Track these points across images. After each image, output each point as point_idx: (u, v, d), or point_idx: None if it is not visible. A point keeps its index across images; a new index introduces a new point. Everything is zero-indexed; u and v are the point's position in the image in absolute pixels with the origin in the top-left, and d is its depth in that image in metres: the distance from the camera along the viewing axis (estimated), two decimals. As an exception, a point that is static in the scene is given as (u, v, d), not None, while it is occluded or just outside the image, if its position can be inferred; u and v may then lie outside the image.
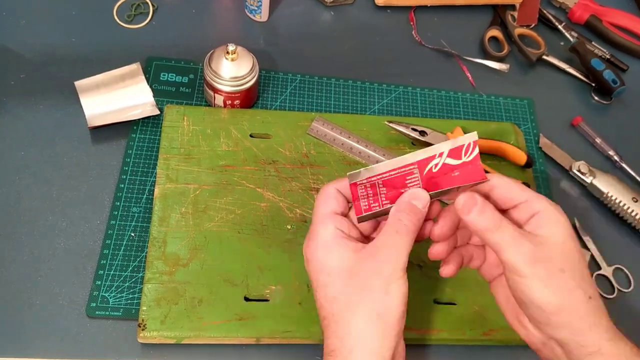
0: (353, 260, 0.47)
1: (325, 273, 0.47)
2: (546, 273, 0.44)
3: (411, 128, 0.70)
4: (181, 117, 0.67)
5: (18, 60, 0.72)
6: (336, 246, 0.47)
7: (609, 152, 0.77)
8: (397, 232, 0.47)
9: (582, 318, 0.45)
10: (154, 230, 0.60)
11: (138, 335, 0.54)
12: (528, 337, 0.49)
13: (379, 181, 0.47)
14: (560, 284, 0.44)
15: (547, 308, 0.44)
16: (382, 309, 0.46)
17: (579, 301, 0.45)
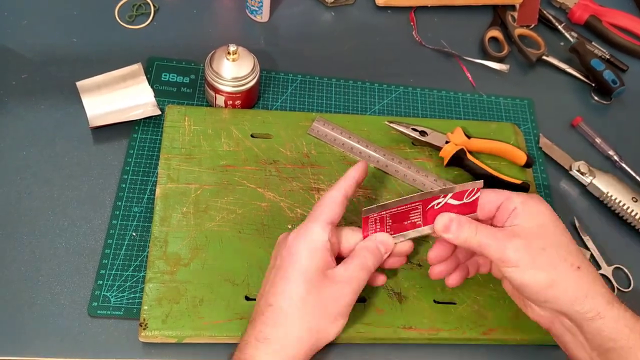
0: (323, 276, 0.51)
1: (298, 271, 0.50)
2: (529, 256, 0.48)
3: (411, 128, 0.70)
4: (182, 117, 0.67)
5: (19, 60, 0.72)
6: (320, 256, 0.51)
7: (608, 152, 0.77)
8: (362, 268, 0.52)
9: (575, 288, 0.48)
10: (155, 230, 0.60)
11: (139, 335, 0.55)
12: (537, 318, 0.53)
13: (387, 215, 0.53)
14: (545, 261, 0.48)
15: (538, 286, 0.48)
16: (322, 331, 0.50)
17: (567, 272, 0.48)
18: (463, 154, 0.69)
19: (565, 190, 0.74)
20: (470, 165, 0.69)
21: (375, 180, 0.68)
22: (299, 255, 0.51)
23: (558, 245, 0.49)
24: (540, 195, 0.69)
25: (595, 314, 0.48)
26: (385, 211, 0.53)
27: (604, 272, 0.67)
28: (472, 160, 0.69)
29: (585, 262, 0.50)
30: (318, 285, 0.50)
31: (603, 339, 0.48)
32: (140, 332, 0.55)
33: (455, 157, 0.69)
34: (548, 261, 0.48)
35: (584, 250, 0.68)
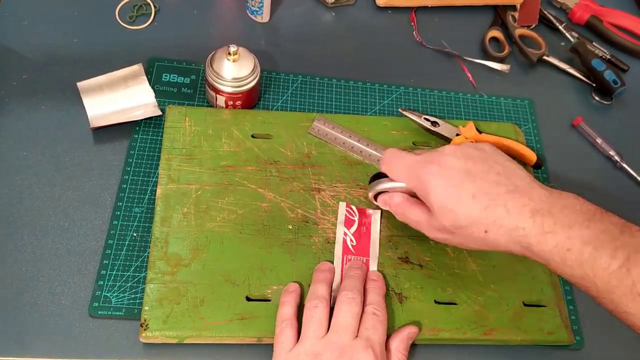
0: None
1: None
2: (450, 200, 0.51)
3: (423, 117, 0.71)
4: (183, 118, 0.67)
5: (20, 60, 0.72)
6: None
7: (609, 153, 0.77)
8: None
9: (513, 221, 0.48)
10: (156, 231, 0.60)
11: (140, 335, 0.55)
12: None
13: None
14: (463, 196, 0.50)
15: (470, 221, 0.50)
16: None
17: (488, 207, 0.49)
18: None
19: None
20: None
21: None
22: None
23: (472, 175, 0.51)
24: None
25: (525, 233, 0.48)
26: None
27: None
28: None
29: (519, 184, 0.50)
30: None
31: (557, 259, 0.47)
32: (141, 332, 0.55)
33: None
34: (464, 194, 0.50)
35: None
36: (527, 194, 0.49)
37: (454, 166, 0.51)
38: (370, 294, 0.56)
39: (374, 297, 0.56)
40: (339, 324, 0.52)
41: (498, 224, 0.48)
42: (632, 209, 0.74)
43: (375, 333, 0.53)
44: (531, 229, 0.47)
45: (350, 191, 0.66)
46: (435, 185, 0.51)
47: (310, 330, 0.52)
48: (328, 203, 0.65)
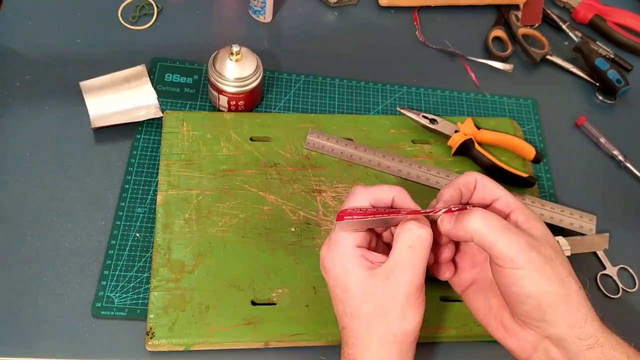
0: (369, 281, 0.46)
1: (342, 290, 0.48)
2: (540, 261, 0.43)
3: (422, 115, 0.71)
4: (180, 123, 0.67)
5: (23, 61, 0.72)
6: (353, 265, 0.47)
7: (613, 152, 0.77)
8: (410, 246, 0.46)
9: (577, 309, 0.44)
10: (158, 238, 0.60)
11: (146, 344, 0.54)
12: (519, 343, 0.47)
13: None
14: (554, 273, 0.44)
15: (544, 299, 0.43)
16: (398, 332, 0.46)
17: (572, 290, 0.44)
18: (471, 144, 0.69)
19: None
20: (477, 155, 0.69)
21: (377, 180, 0.68)
22: (335, 276, 0.48)
23: (562, 259, 0.45)
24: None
25: (594, 342, 0.44)
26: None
27: (609, 273, 0.67)
28: (480, 150, 0.69)
29: (581, 285, 0.46)
30: (369, 292, 0.46)
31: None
32: (147, 341, 0.54)
33: (463, 146, 0.69)
34: (557, 274, 0.44)
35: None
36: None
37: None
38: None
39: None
40: None
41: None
42: (636, 208, 0.74)
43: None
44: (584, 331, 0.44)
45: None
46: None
47: None
48: (329, 204, 0.65)
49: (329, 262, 0.48)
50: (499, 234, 0.44)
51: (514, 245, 0.43)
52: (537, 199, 0.68)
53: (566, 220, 0.67)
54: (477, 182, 0.49)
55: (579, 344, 0.44)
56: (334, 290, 0.49)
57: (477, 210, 0.45)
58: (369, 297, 0.46)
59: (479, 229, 0.44)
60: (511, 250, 0.43)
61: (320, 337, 0.57)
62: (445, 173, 0.68)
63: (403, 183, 0.68)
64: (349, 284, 0.47)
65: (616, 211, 0.73)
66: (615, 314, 0.65)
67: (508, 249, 0.43)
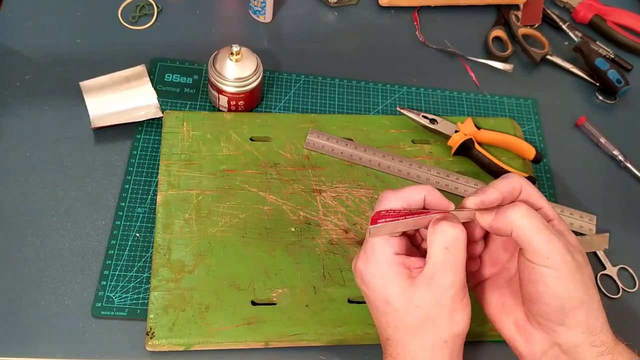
0: (411, 290, 0.45)
1: (384, 302, 0.46)
2: (573, 265, 0.44)
3: (422, 115, 0.71)
4: (180, 123, 0.67)
5: (23, 61, 0.72)
6: (393, 274, 0.46)
7: (613, 152, 0.77)
8: (446, 247, 0.45)
9: (596, 317, 0.45)
10: (158, 238, 0.60)
11: (146, 344, 0.54)
12: (528, 344, 0.47)
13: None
14: (583, 279, 0.44)
15: (569, 303, 0.44)
16: (448, 336, 0.46)
17: (595, 299, 0.45)
18: (471, 144, 0.69)
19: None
20: (477, 155, 0.69)
21: (377, 180, 0.68)
22: (374, 289, 0.47)
23: (589, 268, 0.46)
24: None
25: (605, 349, 0.45)
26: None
27: (609, 272, 0.67)
28: (480, 150, 0.69)
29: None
30: (412, 301, 0.45)
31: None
32: (147, 341, 0.54)
33: (463, 146, 0.69)
34: (585, 281, 0.44)
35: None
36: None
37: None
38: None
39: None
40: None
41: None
42: (636, 208, 0.74)
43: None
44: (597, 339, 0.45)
45: (351, 191, 0.66)
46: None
47: None
48: (329, 204, 0.65)
49: (368, 274, 0.47)
50: (540, 230, 0.44)
51: (553, 245, 0.43)
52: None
53: (566, 220, 0.67)
54: (523, 189, 0.48)
55: (591, 351, 0.44)
56: (374, 304, 0.47)
57: (522, 205, 0.44)
58: (413, 306, 0.45)
59: (522, 222, 0.44)
60: (549, 248, 0.43)
61: (320, 337, 0.57)
62: (446, 173, 0.68)
63: (404, 183, 0.68)
64: (390, 296, 0.46)
65: (616, 211, 0.73)
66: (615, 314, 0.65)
67: (546, 247, 0.43)
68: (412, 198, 0.48)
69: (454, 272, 0.45)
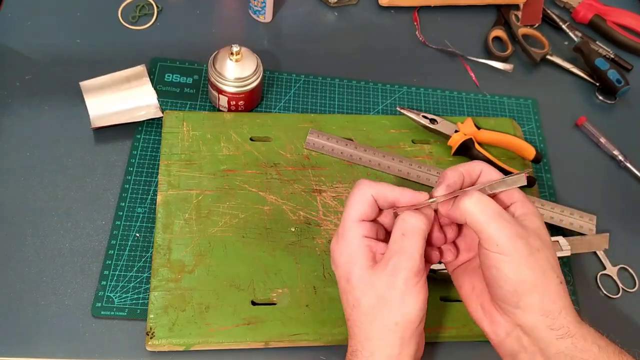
0: (370, 272, 0.48)
1: (346, 280, 0.49)
2: (525, 250, 0.45)
3: (422, 115, 0.71)
4: (180, 123, 0.67)
5: (23, 61, 0.72)
6: (359, 255, 0.48)
7: (613, 152, 0.77)
8: (403, 234, 0.47)
9: (553, 301, 0.46)
10: (158, 238, 0.60)
11: (146, 344, 0.54)
12: (492, 326, 0.49)
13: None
14: (536, 264, 0.45)
15: (522, 287, 0.45)
16: (399, 319, 0.47)
17: (551, 283, 0.46)
18: (471, 144, 0.69)
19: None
20: (478, 155, 0.69)
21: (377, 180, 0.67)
22: (340, 267, 0.49)
23: (548, 254, 0.47)
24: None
25: (565, 332, 0.45)
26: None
27: (609, 273, 0.67)
28: (480, 150, 0.69)
29: (564, 280, 0.47)
30: (370, 282, 0.47)
31: (567, 359, 0.45)
32: (147, 341, 0.54)
33: (463, 146, 0.69)
34: (539, 265, 0.45)
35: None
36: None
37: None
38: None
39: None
40: None
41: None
42: (636, 208, 0.74)
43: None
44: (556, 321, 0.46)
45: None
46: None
47: None
48: (329, 204, 0.65)
49: (337, 252, 0.49)
50: (490, 218, 0.45)
51: (503, 231, 0.45)
52: (537, 199, 0.68)
53: (566, 220, 0.67)
54: (483, 172, 0.50)
55: (549, 334, 0.45)
56: (339, 282, 0.50)
57: (475, 193, 0.46)
58: (370, 287, 0.47)
59: (473, 211, 0.46)
60: (499, 236, 0.45)
61: (320, 337, 0.57)
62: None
63: (403, 183, 0.68)
64: (352, 275, 0.48)
65: (616, 211, 0.73)
66: (615, 314, 0.65)
67: (496, 234, 0.45)
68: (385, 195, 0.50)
69: (408, 257, 0.47)
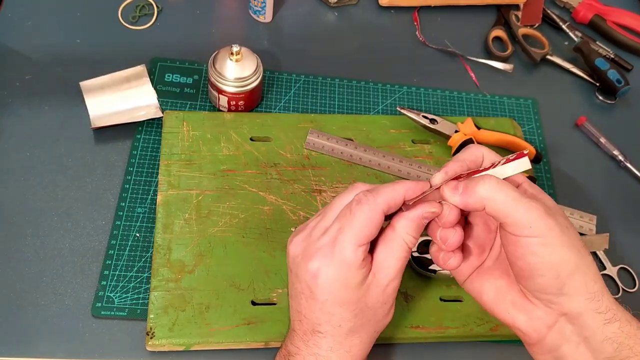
0: (365, 288, 0.45)
1: (337, 304, 0.45)
2: (558, 228, 0.41)
3: (422, 115, 0.71)
4: (180, 123, 0.67)
5: (23, 61, 0.72)
6: (356, 279, 0.45)
7: (613, 152, 0.77)
8: (389, 250, 0.45)
9: (594, 280, 0.42)
10: (158, 238, 0.60)
11: (147, 344, 0.54)
12: (531, 322, 0.44)
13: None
14: (571, 242, 0.41)
15: (564, 269, 0.41)
16: (375, 333, 0.49)
17: (588, 261, 0.42)
18: (471, 144, 0.69)
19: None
20: None
21: (377, 180, 0.68)
22: (333, 290, 0.44)
23: (574, 229, 0.43)
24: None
25: (612, 316, 0.41)
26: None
27: (609, 273, 0.67)
28: None
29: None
30: (362, 305, 0.45)
31: (614, 346, 0.41)
32: (147, 341, 0.54)
33: (464, 146, 0.69)
34: (574, 243, 0.41)
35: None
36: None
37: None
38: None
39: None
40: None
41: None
42: (636, 208, 0.74)
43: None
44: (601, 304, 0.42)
45: (352, 191, 0.66)
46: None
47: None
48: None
49: (324, 273, 0.45)
50: (515, 201, 0.41)
51: (533, 212, 0.40)
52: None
53: (566, 220, 0.67)
54: (485, 157, 0.46)
55: (597, 318, 0.41)
56: (315, 297, 0.46)
57: (489, 177, 0.42)
58: (366, 309, 0.47)
59: (493, 196, 0.41)
60: (530, 217, 0.40)
61: (320, 337, 0.57)
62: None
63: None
64: (347, 304, 0.46)
65: (616, 211, 0.73)
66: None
67: (526, 216, 0.40)
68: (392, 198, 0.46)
69: (400, 277, 0.46)
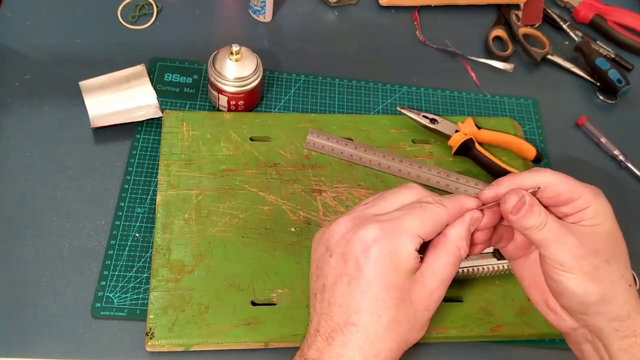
0: (411, 282, 0.44)
1: (385, 288, 0.43)
2: (592, 267, 0.43)
3: (422, 115, 0.71)
4: (180, 123, 0.67)
5: (23, 61, 0.72)
6: (408, 266, 0.43)
7: (614, 152, 0.77)
8: (447, 255, 0.44)
9: (621, 307, 0.44)
10: (157, 238, 0.60)
11: (146, 344, 0.54)
12: (557, 321, 0.48)
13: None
14: (605, 276, 0.44)
15: (589, 299, 0.44)
16: (410, 341, 0.46)
17: (620, 291, 0.44)
18: (472, 144, 0.69)
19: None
20: (478, 155, 0.69)
21: (377, 180, 0.67)
22: (384, 270, 0.43)
23: (619, 259, 0.45)
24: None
25: (631, 332, 0.44)
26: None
27: (609, 273, 0.67)
28: (480, 150, 0.69)
29: (632, 278, 0.46)
30: (406, 297, 0.44)
31: (628, 356, 0.44)
32: (147, 341, 0.54)
33: (464, 146, 0.69)
34: (607, 276, 0.44)
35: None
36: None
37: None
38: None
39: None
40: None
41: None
42: (636, 209, 0.74)
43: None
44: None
45: (351, 191, 0.66)
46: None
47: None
48: (329, 204, 0.65)
49: (378, 252, 0.43)
50: (554, 238, 0.43)
51: (568, 253, 0.43)
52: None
53: (566, 220, 0.67)
54: (550, 185, 0.46)
55: (615, 334, 0.45)
56: (362, 279, 0.43)
57: (534, 211, 0.44)
58: (402, 303, 0.44)
59: (531, 225, 0.43)
60: (564, 256, 0.43)
61: (320, 337, 0.57)
62: (446, 173, 0.68)
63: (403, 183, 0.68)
64: (392, 287, 0.44)
65: (616, 211, 0.72)
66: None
67: (561, 255, 0.43)
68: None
69: (446, 287, 0.45)
